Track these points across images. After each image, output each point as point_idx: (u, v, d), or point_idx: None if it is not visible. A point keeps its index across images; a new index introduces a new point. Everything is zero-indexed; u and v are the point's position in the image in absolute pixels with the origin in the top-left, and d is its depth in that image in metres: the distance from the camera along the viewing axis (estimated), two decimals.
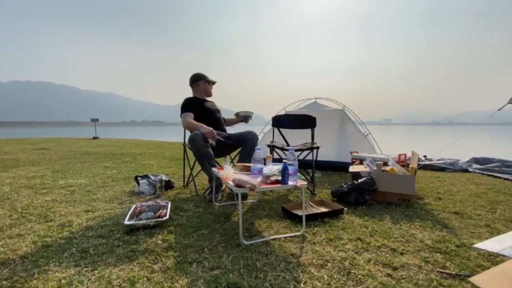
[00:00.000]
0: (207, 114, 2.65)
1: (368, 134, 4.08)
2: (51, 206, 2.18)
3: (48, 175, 3.44)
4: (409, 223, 1.84)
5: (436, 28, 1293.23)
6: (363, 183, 2.23)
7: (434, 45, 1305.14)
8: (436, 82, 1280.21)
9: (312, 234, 1.63)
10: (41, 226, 1.75)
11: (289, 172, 1.60)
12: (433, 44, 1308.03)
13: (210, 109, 2.71)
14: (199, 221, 1.82)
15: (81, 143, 9.83)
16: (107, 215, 1.95)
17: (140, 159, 5.15)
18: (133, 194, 2.51)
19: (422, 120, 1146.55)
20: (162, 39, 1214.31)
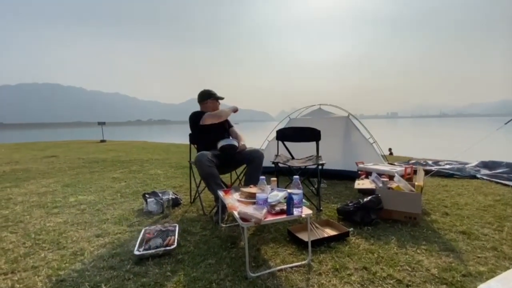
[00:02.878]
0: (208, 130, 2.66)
1: (374, 142, 4.06)
2: (63, 230, 2.24)
3: (59, 191, 3.52)
4: (415, 246, 1.84)
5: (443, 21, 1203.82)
6: (369, 202, 2.23)
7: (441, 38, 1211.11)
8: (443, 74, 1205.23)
9: (318, 263, 1.65)
10: (54, 256, 1.80)
11: (294, 202, 1.61)
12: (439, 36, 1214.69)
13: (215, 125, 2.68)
14: (206, 248, 1.86)
15: (89, 148, 10.01)
16: (117, 241, 2.00)
17: (147, 167, 5.23)
18: (141, 214, 2.56)
19: (430, 113, 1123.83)
20: (165, 37, 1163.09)
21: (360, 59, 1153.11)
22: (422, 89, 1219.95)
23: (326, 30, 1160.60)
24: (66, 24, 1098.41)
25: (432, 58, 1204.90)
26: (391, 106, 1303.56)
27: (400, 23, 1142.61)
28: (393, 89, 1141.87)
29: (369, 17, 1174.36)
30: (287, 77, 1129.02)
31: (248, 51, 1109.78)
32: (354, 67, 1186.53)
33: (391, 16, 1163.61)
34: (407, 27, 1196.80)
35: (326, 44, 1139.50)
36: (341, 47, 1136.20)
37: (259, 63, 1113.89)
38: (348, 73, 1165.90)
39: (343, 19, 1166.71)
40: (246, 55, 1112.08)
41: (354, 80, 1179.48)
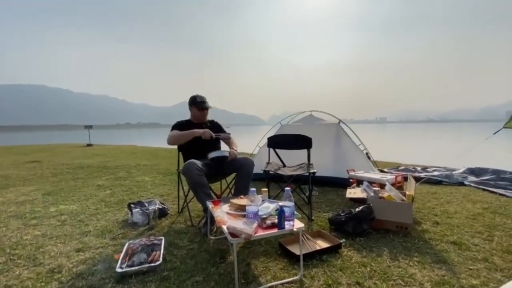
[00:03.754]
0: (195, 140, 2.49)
1: (365, 149, 4.07)
2: (41, 243, 2.11)
3: (39, 200, 3.35)
4: (407, 258, 1.82)
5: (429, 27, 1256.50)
6: (361, 212, 2.20)
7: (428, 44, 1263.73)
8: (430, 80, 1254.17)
9: (310, 278, 1.59)
10: (30, 274, 1.68)
11: (286, 215, 1.56)
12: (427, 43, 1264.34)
13: None
14: (193, 263, 1.77)
15: (74, 153, 9.70)
16: (99, 256, 1.89)
17: (134, 174, 5.08)
18: (126, 225, 2.45)
19: (417, 118, 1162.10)
20: (156, 39, 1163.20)
21: (350, 64, 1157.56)
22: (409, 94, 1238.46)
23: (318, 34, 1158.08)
24: (52, 24, 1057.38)
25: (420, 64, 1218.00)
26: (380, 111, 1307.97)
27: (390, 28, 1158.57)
28: (382, 94, 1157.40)
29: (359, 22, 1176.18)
30: (278, 81, 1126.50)
31: (240, 55, 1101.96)
32: (345, 71, 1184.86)
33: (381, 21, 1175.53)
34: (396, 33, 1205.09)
35: (318, 48, 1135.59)
36: (332, 52, 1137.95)
37: (251, 66, 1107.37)
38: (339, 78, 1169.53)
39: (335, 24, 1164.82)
40: (238, 58, 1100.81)
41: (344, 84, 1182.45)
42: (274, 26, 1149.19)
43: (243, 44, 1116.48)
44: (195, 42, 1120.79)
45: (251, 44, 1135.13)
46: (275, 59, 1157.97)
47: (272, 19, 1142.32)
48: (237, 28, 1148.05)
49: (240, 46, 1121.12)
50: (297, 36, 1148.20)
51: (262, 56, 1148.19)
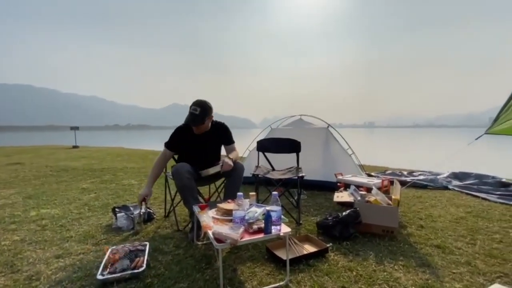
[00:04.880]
0: (193, 148, 2.41)
1: (352, 154, 4.12)
2: (20, 249, 2.02)
3: (19, 203, 3.23)
4: (393, 262, 1.83)
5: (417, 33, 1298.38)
6: (348, 216, 2.21)
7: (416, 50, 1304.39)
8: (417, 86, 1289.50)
9: (297, 283, 1.58)
10: (7, 281, 1.61)
11: (272, 219, 1.55)
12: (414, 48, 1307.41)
13: (197, 144, 2.41)
14: (178, 269, 1.73)
15: (59, 154, 9.42)
16: (79, 262, 1.83)
17: (120, 177, 4.96)
18: (110, 230, 2.38)
19: (404, 123, 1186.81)
20: (147, 41, 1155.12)
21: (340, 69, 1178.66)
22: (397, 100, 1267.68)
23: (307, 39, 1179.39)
24: (40, 23, 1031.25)
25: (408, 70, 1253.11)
26: (368, 116, 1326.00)
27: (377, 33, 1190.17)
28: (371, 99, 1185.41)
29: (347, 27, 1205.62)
30: (270, 85, 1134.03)
31: (231, 58, 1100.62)
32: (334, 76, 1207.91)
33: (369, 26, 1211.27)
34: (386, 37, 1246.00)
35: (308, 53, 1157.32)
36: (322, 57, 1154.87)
37: (243, 70, 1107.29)
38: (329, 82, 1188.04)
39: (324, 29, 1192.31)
40: (230, 61, 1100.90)
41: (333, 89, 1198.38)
42: (267, 30, 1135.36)
43: (235, 48, 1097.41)
44: (187, 45, 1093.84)
45: (243, 48, 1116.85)
46: (267, 63, 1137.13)
47: (265, 24, 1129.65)
48: (229, 31, 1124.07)
49: (232, 49, 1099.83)
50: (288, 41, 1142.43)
51: (254, 60, 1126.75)
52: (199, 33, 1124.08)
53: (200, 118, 2.27)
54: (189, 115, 2.30)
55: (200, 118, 2.27)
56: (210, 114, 2.33)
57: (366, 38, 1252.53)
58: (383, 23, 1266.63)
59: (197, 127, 2.33)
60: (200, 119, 2.28)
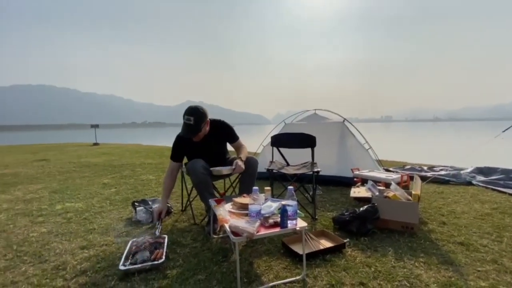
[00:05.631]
0: (198, 153, 2.34)
1: (369, 148, 4.02)
2: (47, 241, 2.13)
3: (46, 197, 3.40)
4: (413, 258, 1.78)
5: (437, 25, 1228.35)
6: (365, 212, 2.17)
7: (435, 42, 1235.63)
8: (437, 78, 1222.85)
9: (313, 278, 1.57)
10: (35, 270, 1.70)
11: (288, 214, 1.54)
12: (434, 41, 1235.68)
13: (200, 148, 2.36)
14: (196, 261, 1.77)
15: (81, 151, 9.83)
16: (103, 254, 1.91)
17: (139, 172, 5.12)
18: (130, 223, 2.47)
19: (424, 117, 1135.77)
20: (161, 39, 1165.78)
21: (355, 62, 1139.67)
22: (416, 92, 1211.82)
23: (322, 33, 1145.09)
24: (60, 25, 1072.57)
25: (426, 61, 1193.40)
26: (385, 110, 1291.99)
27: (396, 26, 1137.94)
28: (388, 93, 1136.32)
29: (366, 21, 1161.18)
30: (283, 80, 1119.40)
31: (243, 54, 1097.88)
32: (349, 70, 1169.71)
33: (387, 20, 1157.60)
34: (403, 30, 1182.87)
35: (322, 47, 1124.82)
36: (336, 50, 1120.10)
37: (255, 65, 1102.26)
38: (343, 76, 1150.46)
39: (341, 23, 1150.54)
40: (241, 57, 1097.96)
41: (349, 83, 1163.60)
42: (279, 25, 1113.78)
43: (248, 43, 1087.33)
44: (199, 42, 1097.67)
45: (255, 43, 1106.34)
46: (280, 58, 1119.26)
47: (277, 18, 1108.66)
48: (241, 27, 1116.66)
49: (244, 45, 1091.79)
50: (302, 36, 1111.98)
51: (267, 55, 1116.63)
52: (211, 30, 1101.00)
53: (196, 128, 2.18)
54: (184, 126, 2.19)
55: (196, 128, 2.18)
56: (205, 119, 2.23)
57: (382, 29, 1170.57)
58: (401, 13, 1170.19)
59: (196, 136, 2.25)
60: (196, 129, 2.18)
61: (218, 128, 2.41)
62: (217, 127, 2.40)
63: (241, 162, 2.25)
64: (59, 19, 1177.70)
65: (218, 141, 2.46)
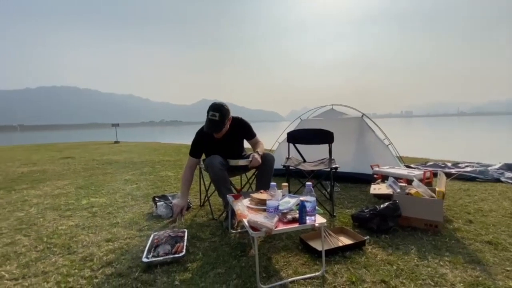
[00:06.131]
0: (216, 150, 2.37)
1: (390, 144, 3.90)
2: (74, 233, 2.24)
3: (72, 193, 3.58)
4: (437, 257, 1.72)
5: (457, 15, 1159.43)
6: (386, 209, 2.11)
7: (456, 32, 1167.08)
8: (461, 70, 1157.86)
9: (333, 274, 1.56)
10: (64, 261, 1.80)
11: (307, 210, 1.53)
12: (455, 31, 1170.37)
13: (218, 144, 2.40)
14: (215, 255, 1.80)
15: (103, 149, 10.24)
16: (126, 246, 1.98)
17: (158, 169, 5.26)
18: (151, 218, 2.55)
19: (447, 111, 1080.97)
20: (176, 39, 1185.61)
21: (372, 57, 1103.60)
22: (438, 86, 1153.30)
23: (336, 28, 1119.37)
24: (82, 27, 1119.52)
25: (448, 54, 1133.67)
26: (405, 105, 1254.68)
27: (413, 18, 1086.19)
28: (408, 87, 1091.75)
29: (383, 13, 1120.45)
30: (297, 77, 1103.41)
31: (257, 52, 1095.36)
32: (367, 65, 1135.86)
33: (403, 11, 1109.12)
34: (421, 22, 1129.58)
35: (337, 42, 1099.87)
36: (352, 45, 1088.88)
37: (269, 63, 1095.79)
38: (360, 71, 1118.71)
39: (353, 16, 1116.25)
40: (255, 55, 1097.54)
41: (366, 78, 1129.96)
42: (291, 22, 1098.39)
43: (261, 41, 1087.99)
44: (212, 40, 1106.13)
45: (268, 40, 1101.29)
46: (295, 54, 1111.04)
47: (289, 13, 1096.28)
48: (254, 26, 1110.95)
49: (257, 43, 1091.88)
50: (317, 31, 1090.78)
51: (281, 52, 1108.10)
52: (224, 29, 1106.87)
53: (221, 124, 2.23)
54: (208, 122, 2.23)
55: (221, 124, 2.23)
56: (228, 116, 2.28)
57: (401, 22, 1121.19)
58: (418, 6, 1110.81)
59: (219, 133, 2.30)
60: (221, 125, 2.23)
61: (236, 125, 2.44)
62: (235, 124, 2.43)
63: (258, 155, 2.26)
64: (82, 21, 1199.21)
65: (236, 138, 2.49)
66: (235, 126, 2.43)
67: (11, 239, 2.16)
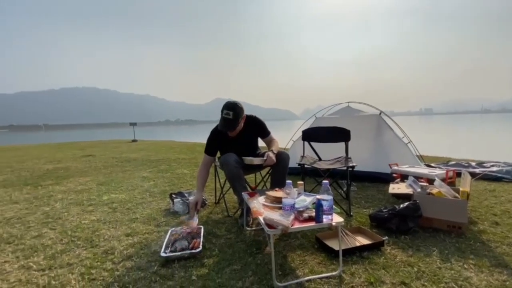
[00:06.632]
0: (231, 148, 2.38)
1: (409, 142, 3.77)
2: (97, 227, 2.33)
3: (94, 189, 3.72)
4: (461, 260, 1.65)
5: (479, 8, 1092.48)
6: (406, 209, 2.05)
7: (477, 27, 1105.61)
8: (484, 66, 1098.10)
9: (350, 274, 1.53)
10: (88, 254, 1.87)
11: (324, 209, 1.51)
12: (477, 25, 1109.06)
13: (233, 142, 2.42)
14: (231, 252, 1.82)
15: (122, 147, 10.57)
16: (145, 241, 2.04)
17: (174, 166, 5.37)
18: (168, 214, 2.60)
19: (469, 108, 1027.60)
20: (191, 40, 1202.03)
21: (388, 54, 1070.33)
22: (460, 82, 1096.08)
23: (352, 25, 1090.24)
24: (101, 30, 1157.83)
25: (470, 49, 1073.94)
26: (425, 102, 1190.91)
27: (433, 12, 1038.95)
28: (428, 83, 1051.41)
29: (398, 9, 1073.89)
30: (311, 75, 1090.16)
31: (270, 50, 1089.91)
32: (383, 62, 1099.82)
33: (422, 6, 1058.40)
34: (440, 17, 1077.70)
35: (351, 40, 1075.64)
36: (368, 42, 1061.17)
37: (282, 61, 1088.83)
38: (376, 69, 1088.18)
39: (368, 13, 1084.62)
40: (268, 54, 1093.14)
41: (382, 75, 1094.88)
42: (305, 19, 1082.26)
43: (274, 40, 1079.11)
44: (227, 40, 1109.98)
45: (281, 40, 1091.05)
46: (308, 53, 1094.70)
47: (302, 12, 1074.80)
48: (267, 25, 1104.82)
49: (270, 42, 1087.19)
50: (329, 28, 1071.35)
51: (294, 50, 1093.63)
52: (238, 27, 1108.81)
53: (235, 122, 2.24)
54: (223, 120, 2.25)
55: (235, 122, 2.24)
56: (243, 114, 2.29)
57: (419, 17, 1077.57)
58: None
59: (233, 131, 2.31)
60: (235, 123, 2.25)
61: (250, 123, 2.45)
62: (249, 123, 2.44)
63: (273, 154, 2.26)
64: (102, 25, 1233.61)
65: (251, 136, 2.49)
66: (249, 125, 2.44)
67: (38, 232, 2.28)
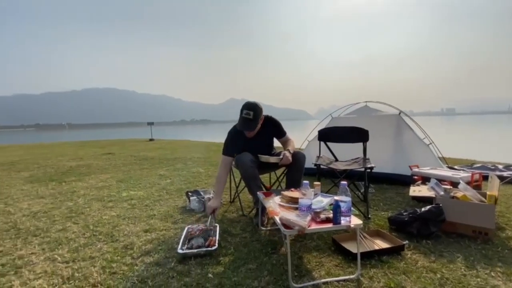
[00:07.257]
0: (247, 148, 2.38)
1: (431, 144, 3.63)
2: (116, 223, 2.41)
3: (114, 186, 3.85)
4: (488, 267, 1.56)
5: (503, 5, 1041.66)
6: (428, 213, 1.97)
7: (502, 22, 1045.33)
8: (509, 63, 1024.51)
9: (369, 278, 1.49)
10: (108, 248, 1.94)
11: (342, 210, 1.48)
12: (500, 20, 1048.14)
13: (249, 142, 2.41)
14: (246, 251, 1.82)
15: (139, 146, 10.87)
16: (162, 237, 2.08)
17: (190, 165, 5.46)
18: (184, 211, 2.65)
19: (495, 108, 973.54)
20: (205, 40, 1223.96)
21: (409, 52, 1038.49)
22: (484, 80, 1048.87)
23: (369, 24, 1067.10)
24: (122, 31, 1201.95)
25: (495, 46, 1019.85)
26: (447, 102, 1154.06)
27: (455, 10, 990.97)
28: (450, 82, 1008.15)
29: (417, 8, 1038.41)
30: (326, 74, 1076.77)
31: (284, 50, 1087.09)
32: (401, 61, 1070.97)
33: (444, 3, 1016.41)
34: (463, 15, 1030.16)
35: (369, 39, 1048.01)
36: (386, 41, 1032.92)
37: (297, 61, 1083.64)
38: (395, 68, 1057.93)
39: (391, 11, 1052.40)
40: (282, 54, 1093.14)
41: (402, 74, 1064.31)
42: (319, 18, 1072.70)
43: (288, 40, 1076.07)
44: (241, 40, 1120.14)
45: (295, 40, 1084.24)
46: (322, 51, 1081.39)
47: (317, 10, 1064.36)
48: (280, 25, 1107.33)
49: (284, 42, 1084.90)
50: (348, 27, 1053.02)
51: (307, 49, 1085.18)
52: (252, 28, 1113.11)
53: (255, 122, 2.25)
54: (242, 120, 2.25)
55: (255, 122, 2.25)
56: (261, 115, 2.30)
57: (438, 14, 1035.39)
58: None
59: (252, 131, 2.31)
60: (255, 124, 2.26)
61: (267, 123, 2.45)
62: (266, 123, 2.44)
63: (289, 154, 2.25)
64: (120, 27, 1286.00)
65: (267, 136, 2.49)
66: (266, 125, 2.44)
67: (62, 226, 2.39)
